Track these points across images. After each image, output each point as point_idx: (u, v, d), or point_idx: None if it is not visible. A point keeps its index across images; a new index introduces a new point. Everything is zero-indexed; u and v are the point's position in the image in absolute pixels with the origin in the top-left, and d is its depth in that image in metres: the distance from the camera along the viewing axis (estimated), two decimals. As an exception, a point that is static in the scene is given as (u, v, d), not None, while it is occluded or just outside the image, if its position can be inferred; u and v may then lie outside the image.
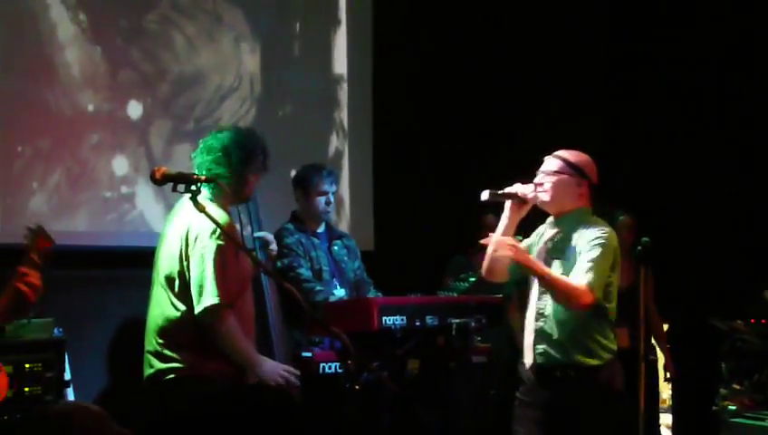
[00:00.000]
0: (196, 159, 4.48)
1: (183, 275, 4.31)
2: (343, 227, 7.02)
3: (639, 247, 4.64)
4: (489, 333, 5.54)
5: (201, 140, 4.57)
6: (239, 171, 4.44)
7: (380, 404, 4.93)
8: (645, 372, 4.89)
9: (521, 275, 4.49)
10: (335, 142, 7.37)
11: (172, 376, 4.31)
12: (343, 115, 7.41)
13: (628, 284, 5.83)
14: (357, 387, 3.49)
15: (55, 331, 5.24)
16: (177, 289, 4.32)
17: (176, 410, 4.32)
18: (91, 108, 6.26)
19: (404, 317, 4.95)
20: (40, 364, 5.06)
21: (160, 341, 4.33)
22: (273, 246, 5.04)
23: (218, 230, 4.20)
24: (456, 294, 5.68)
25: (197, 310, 4.25)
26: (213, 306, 4.23)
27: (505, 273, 4.49)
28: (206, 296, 4.23)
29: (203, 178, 3.65)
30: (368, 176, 7.47)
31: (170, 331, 4.32)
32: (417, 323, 4.98)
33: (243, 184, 4.47)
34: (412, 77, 7.57)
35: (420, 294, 5.21)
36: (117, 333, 6.11)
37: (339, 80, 7.40)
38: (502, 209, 4.45)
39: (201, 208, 3.58)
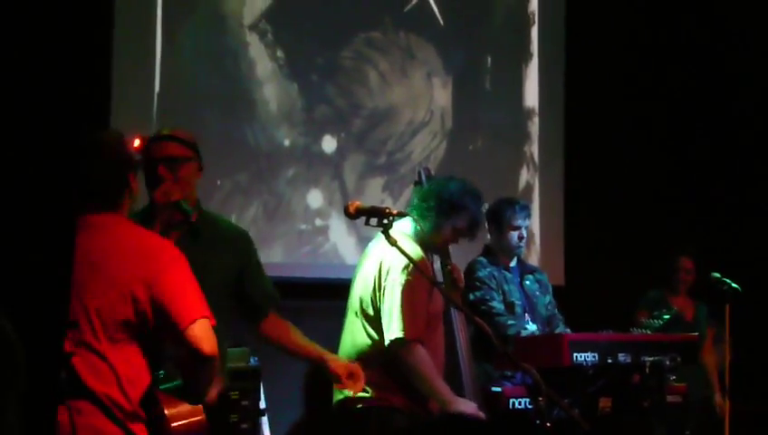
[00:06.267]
0: (412, 198, 4.69)
1: (375, 305, 4.39)
2: (533, 261, 6.96)
3: None
4: (684, 372, 5.39)
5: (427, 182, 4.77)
6: (436, 221, 4.53)
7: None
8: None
9: None
10: (525, 176, 7.33)
11: (360, 406, 4.36)
12: (534, 149, 7.37)
13: None
14: (548, 424, 3.43)
15: (251, 360, 5.34)
16: (369, 318, 4.41)
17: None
18: (287, 143, 6.44)
19: (596, 354, 4.86)
20: (237, 392, 5.06)
21: None
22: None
23: (410, 265, 4.25)
24: (649, 332, 5.54)
25: (386, 342, 4.33)
26: (398, 340, 4.30)
27: None
28: (393, 330, 4.31)
29: (395, 212, 3.69)
30: (558, 210, 7.40)
31: (361, 360, 4.36)
32: (610, 361, 4.88)
33: (436, 234, 4.55)
34: (604, 111, 7.45)
35: (612, 331, 5.12)
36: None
37: (530, 113, 7.36)
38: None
39: (393, 242, 3.62)
